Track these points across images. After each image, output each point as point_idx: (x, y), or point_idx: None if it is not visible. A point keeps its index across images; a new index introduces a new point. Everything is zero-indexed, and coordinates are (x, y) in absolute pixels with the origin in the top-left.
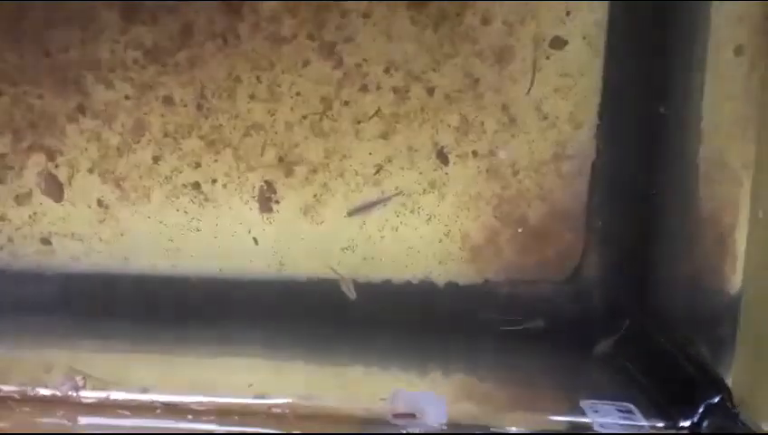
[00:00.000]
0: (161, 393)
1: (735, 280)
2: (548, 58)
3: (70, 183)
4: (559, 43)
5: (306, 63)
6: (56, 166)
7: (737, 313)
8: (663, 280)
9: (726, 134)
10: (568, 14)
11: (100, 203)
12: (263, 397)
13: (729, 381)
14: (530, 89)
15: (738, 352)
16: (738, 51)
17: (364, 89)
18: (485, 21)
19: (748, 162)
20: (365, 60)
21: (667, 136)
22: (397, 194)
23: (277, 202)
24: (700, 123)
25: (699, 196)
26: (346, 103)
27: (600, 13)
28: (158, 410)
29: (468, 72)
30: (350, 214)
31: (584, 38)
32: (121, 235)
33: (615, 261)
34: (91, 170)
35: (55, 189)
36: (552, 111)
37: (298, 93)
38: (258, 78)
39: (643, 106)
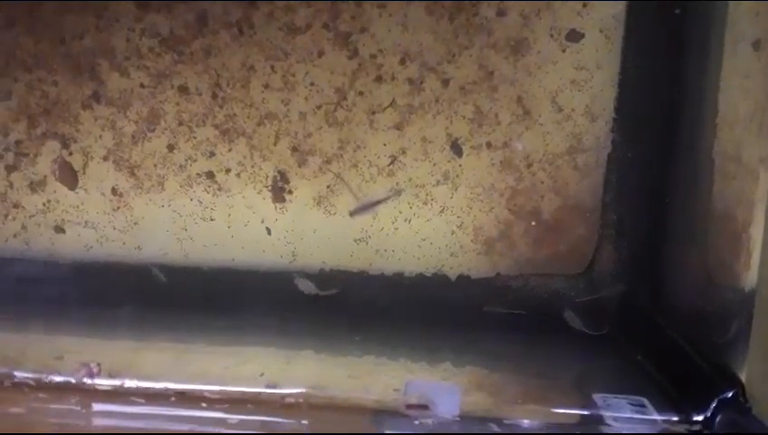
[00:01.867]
0: (172, 382)
1: (750, 276)
2: (564, 51)
3: (84, 171)
4: (575, 35)
5: (321, 53)
6: (70, 153)
7: (751, 308)
8: (677, 275)
9: (743, 129)
10: (585, 6)
11: (114, 191)
12: (274, 386)
13: (742, 376)
14: None
15: (752, 348)
16: (756, 45)
17: (379, 79)
18: (501, 12)
19: (765, 157)
20: (380, 50)
21: (683, 130)
22: (397, 192)
23: (290, 192)
24: (716, 118)
25: (714, 191)
26: (360, 94)
27: (618, 7)
28: (173, 398)
29: (483, 63)
30: (352, 214)
31: (601, 31)
32: (135, 223)
33: (629, 255)
34: (105, 158)
35: (69, 177)
36: (567, 103)
37: (312, 83)
38: (272, 68)
39: (660, 100)
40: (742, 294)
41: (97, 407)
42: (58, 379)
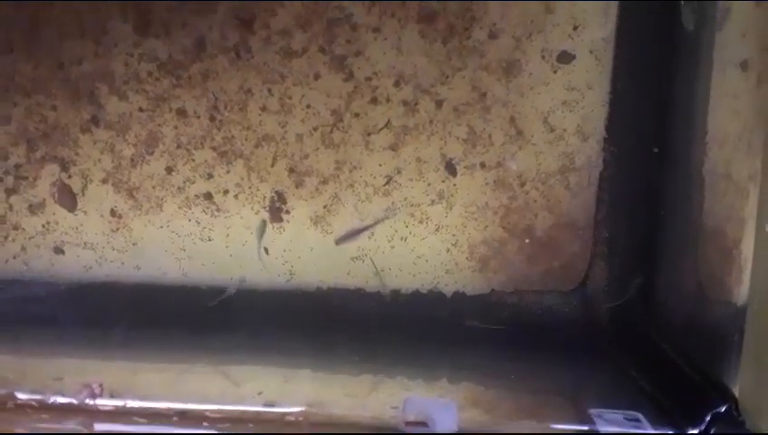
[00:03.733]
0: (173, 401)
1: (742, 291)
2: (555, 72)
3: (83, 193)
4: (566, 57)
5: (317, 76)
6: (69, 176)
7: (743, 323)
8: (669, 290)
9: (732, 148)
10: (575, 28)
11: (113, 213)
12: (273, 405)
13: (735, 390)
14: None
15: (744, 362)
16: (744, 66)
17: (374, 101)
18: (493, 35)
19: (754, 175)
20: (375, 73)
21: (674, 149)
22: (381, 221)
23: (287, 212)
24: (705, 137)
25: (705, 208)
26: (356, 115)
27: (607, 29)
28: (174, 418)
29: (476, 85)
30: (338, 243)
31: (591, 53)
32: (134, 244)
33: (622, 272)
34: (104, 181)
35: (69, 199)
36: (559, 123)
37: (309, 106)
38: (270, 90)
39: (650, 120)
40: (734, 308)
41: (99, 427)
42: (60, 400)
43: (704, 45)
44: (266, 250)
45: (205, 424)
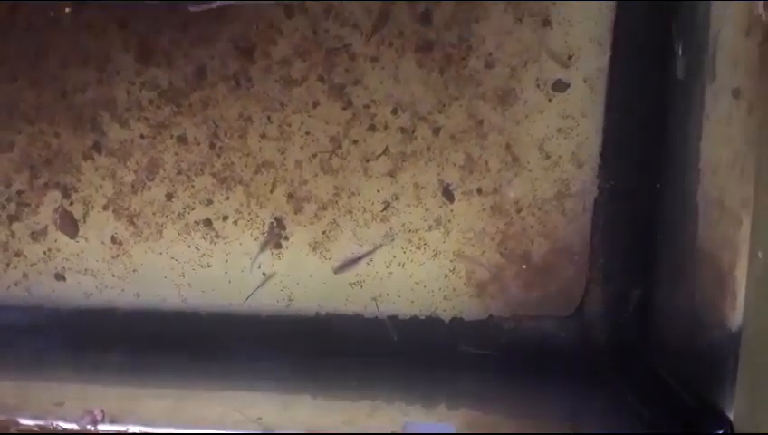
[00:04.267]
0: (173, 427)
1: (736, 316)
2: (550, 100)
3: (84, 220)
4: (561, 85)
5: (316, 104)
6: (71, 203)
7: (738, 348)
8: (665, 316)
9: (725, 174)
10: (570, 57)
11: (113, 239)
12: (271, 430)
13: (731, 415)
14: None
15: (739, 387)
16: (736, 93)
17: (372, 128)
18: (489, 64)
19: (747, 201)
20: (373, 101)
21: (668, 175)
22: (378, 247)
23: (286, 238)
24: (699, 163)
25: (699, 234)
26: (355, 142)
27: (601, 59)
28: None
29: (473, 113)
30: (336, 272)
31: (586, 81)
32: (134, 270)
33: (618, 297)
34: (105, 207)
35: (70, 226)
36: (554, 150)
37: (308, 133)
38: (269, 118)
39: (644, 147)
40: (729, 333)
41: None
42: (62, 425)
43: (697, 73)
44: (265, 276)
45: None
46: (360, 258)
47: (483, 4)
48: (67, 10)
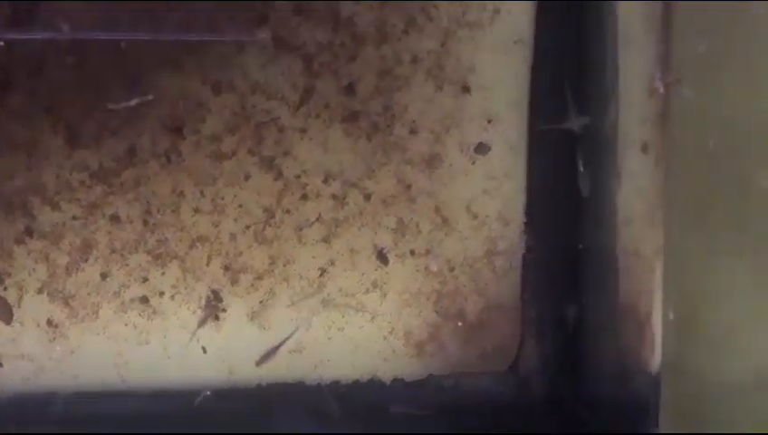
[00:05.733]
0: None
1: (655, 360)
2: (474, 163)
3: (19, 304)
4: (483, 148)
5: (247, 177)
6: (5, 288)
7: (659, 391)
8: (595, 368)
9: (639, 226)
10: (489, 122)
11: (49, 323)
12: None
13: None
14: None
15: (663, 430)
16: (645, 148)
17: (304, 197)
18: (413, 131)
19: (659, 250)
20: (304, 171)
21: (589, 231)
22: (293, 333)
23: (224, 310)
24: (616, 217)
25: (620, 286)
26: (288, 212)
27: (520, 122)
28: None
29: (401, 178)
30: (258, 364)
31: (506, 144)
32: (71, 352)
33: (550, 351)
34: (39, 290)
35: (5, 312)
36: (481, 210)
37: (241, 205)
38: (202, 192)
39: (564, 204)
40: (650, 378)
41: None
42: None
43: (607, 131)
44: (204, 349)
45: None
46: (279, 346)
47: (403, 74)
48: None
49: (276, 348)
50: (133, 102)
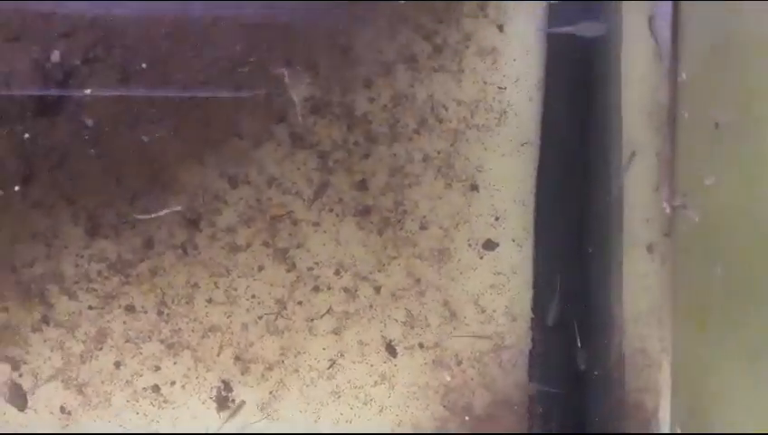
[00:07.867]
0: None
1: None
2: (482, 258)
3: (33, 391)
4: (491, 244)
5: (261, 268)
6: (20, 375)
7: None
8: None
9: (645, 323)
10: (497, 219)
11: (62, 409)
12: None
13: None
14: None
15: None
16: (650, 248)
17: (316, 289)
18: (423, 226)
19: (666, 347)
20: (316, 263)
21: (595, 328)
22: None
23: (234, 401)
24: (622, 314)
25: (626, 383)
26: (299, 303)
27: (527, 219)
28: None
29: (411, 271)
30: None
31: (513, 240)
32: None
33: None
34: (54, 378)
35: (19, 398)
36: (489, 305)
37: (253, 296)
38: (216, 283)
39: (570, 303)
40: None
41: None
42: None
43: (612, 229)
44: None
45: None
46: None
47: (414, 172)
48: (17, 188)
49: None
50: (163, 213)
